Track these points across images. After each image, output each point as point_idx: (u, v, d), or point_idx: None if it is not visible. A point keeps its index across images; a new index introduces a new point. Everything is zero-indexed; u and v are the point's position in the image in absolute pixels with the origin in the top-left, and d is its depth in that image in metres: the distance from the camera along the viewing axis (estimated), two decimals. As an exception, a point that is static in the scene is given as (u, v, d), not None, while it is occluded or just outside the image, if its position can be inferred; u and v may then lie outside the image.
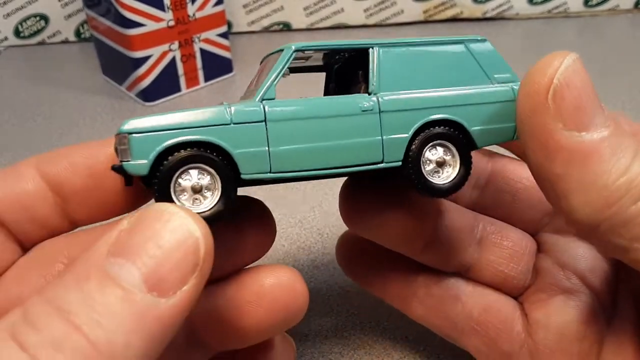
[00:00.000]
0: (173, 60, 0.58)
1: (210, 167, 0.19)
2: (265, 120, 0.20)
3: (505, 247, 0.27)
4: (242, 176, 0.20)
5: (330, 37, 0.74)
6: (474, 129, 0.22)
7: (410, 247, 0.26)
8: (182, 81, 0.60)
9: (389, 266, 0.28)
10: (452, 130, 0.22)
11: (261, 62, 0.25)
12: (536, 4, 0.75)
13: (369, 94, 0.22)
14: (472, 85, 0.23)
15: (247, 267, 0.24)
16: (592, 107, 0.18)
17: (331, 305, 0.35)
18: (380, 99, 0.22)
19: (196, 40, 0.58)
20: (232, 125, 0.20)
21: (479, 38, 0.23)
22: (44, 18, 0.71)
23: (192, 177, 0.19)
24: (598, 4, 0.76)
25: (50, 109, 0.59)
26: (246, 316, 0.22)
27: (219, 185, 0.20)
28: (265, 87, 0.21)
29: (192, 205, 0.19)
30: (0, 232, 0.21)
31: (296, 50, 0.22)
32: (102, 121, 0.56)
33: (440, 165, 0.22)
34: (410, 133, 0.22)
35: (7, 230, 0.22)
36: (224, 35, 0.61)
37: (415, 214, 0.25)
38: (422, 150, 0.22)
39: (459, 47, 0.23)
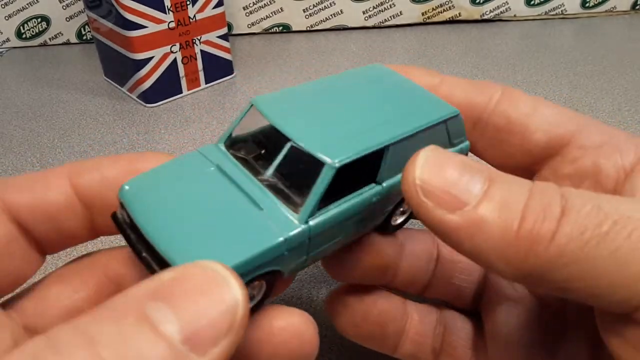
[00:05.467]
0: (174, 62, 0.58)
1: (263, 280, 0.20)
2: (309, 238, 0.21)
3: (457, 261, 0.28)
4: (284, 275, 0.21)
5: (330, 38, 0.74)
6: None
7: (384, 280, 0.27)
8: (183, 83, 0.60)
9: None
10: None
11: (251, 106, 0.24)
12: (534, 5, 0.76)
13: (376, 182, 0.23)
14: None
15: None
16: (463, 182, 0.18)
17: (331, 304, 0.35)
18: (383, 184, 0.23)
19: (197, 42, 0.59)
20: (286, 253, 0.20)
21: (456, 114, 0.24)
22: (46, 20, 0.72)
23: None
24: (595, 6, 0.76)
25: (52, 110, 0.59)
26: (253, 352, 0.22)
27: (264, 287, 0.21)
28: (310, 208, 0.20)
29: None
30: (24, 240, 0.21)
31: (339, 169, 0.20)
32: (104, 122, 0.57)
33: (403, 213, 0.25)
34: (394, 205, 0.24)
35: (31, 238, 0.22)
36: (224, 37, 0.61)
37: (385, 257, 0.27)
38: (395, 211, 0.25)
39: (441, 126, 0.24)
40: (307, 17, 0.75)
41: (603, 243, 0.16)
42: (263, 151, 0.24)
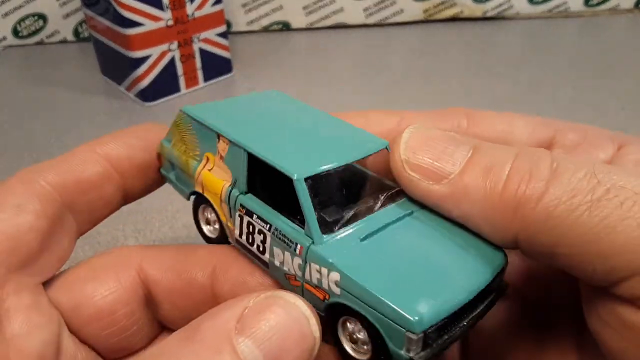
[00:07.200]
0: (172, 60, 0.57)
1: None
2: None
3: None
4: None
5: (330, 36, 0.73)
6: None
7: None
8: (182, 81, 0.59)
9: None
10: None
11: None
12: (537, 3, 0.75)
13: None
14: None
15: None
16: (447, 152, 0.19)
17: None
18: None
19: (195, 40, 0.58)
20: None
21: None
22: (42, 17, 0.71)
23: None
24: (598, 4, 0.75)
25: (49, 109, 0.58)
26: None
27: None
28: None
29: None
30: (67, 222, 0.22)
31: None
32: (101, 121, 0.56)
33: None
34: None
35: (74, 218, 0.23)
36: (223, 35, 0.60)
37: None
38: None
39: None
40: (307, 14, 0.74)
41: (594, 210, 0.16)
42: (337, 200, 0.22)
